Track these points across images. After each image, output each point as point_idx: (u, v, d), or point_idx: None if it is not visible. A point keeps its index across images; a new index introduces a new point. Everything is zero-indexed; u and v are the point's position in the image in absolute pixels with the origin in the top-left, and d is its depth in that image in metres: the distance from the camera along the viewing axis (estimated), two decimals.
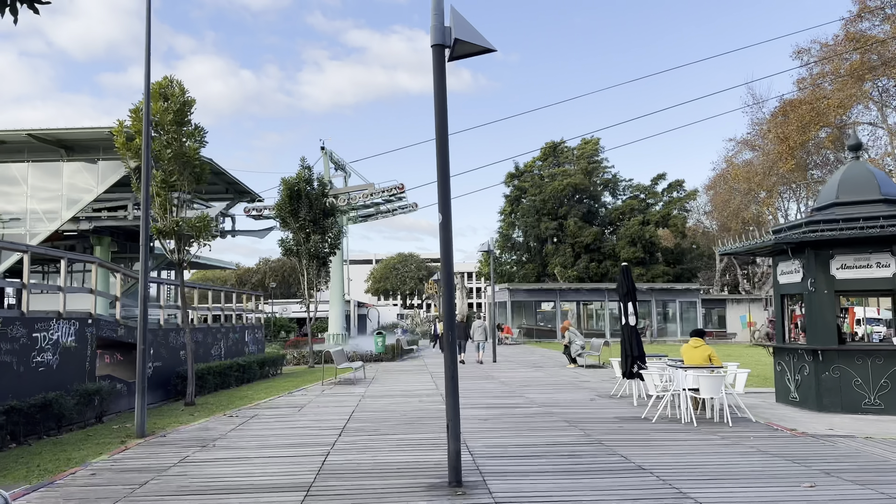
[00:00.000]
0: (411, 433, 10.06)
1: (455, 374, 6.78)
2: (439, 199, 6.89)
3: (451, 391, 6.73)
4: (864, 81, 44.75)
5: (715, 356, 11.69)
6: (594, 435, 9.57)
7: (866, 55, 43.75)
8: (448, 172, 6.96)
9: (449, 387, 6.74)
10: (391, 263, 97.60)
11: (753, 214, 57.07)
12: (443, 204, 6.87)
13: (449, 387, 6.74)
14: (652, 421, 10.76)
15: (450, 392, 6.74)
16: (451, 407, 6.71)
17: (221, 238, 39.15)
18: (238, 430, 10.77)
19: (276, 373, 22.99)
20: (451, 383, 6.74)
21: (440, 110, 6.92)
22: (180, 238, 14.58)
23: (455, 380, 6.76)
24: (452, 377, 6.74)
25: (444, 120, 6.92)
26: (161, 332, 16.73)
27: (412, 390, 16.27)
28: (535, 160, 75.51)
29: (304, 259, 24.94)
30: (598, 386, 16.42)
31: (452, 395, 6.72)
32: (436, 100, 6.96)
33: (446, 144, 6.96)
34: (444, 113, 6.93)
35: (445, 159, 6.92)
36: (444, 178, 6.90)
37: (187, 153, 14.44)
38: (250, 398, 15.65)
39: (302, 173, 24.85)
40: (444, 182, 6.89)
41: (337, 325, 39.60)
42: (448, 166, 6.96)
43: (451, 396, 6.73)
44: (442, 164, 6.89)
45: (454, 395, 6.72)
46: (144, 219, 10.73)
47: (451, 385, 6.74)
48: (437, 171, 6.92)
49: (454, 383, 6.75)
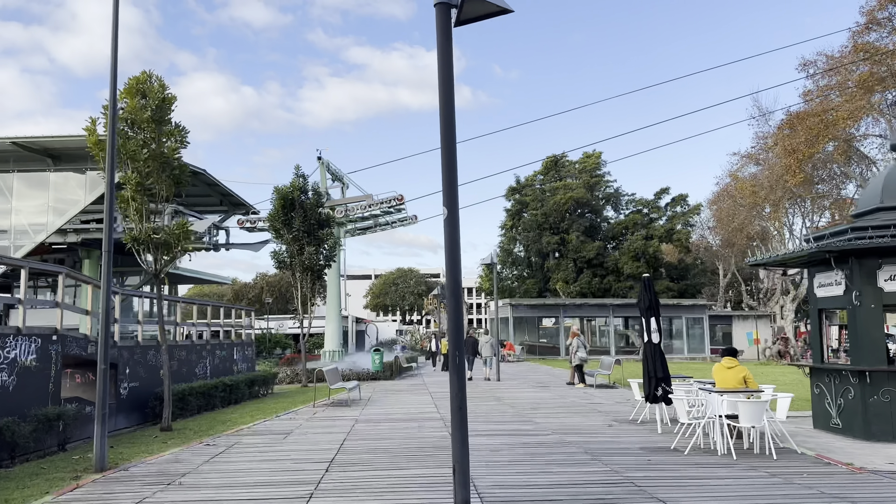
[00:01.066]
0: (410, 468, 8.75)
1: (463, 403, 5.50)
2: (444, 189, 5.65)
3: (458, 425, 5.45)
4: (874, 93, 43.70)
5: (751, 378, 10.40)
6: (621, 471, 8.26)
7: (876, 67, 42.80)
8: (454, 156, 5.73)
9: (456, 419, 5.46)
10: (390, 279, 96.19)
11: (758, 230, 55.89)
12: (448, 195, 5.63)
13: (456, 419, 5.46)
14: (684, 453, 9.44)
15: (457, 426, 5.45)
16: (458, 445, 5.42)
17: (215, 251, 37.86)
18: (212, 462, 9.45)
19: (267, 392, 21.64)
20: (458, 415, 5.46)
21: (445, 81, 5.70)
22: (157, 247, 13.33)
23: (463, 411, 5.48)
24: (460, 408, 5.46)
25: (450, 93, 5.71)
26: (139, 350, 15.42)
27: (411, 413, 14.95)
28: (536, 174, 74.45)
29: (298, 272, 23.66)
30: (613, 409, 15.09)
31: (460, 429, 5.43)
32: (440, 70, 5.74)
33: (452, 122, 5.74)
34: (450, 84, 5.71)
35: (451, 140, 5.70)
36: (449, 162, 5.66)
37: (166, 154, 13.22)
38: (234, 422, 14.31)
39: (296, 182, 23.63)
40: (449, 167, 5.66)
41: (333, 342, 38.18)
42: (454, 149, 5.73)
43: (458, 431, 5.44)
44: (447, 146, 5.67)
45: (462, 429, 5.43)
46: (108, 219, 9.47)
47: (458, 417, 5.46)
48: (442, 155, 5.69)
49: (462, 415, 5.46)
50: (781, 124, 49.16)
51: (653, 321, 11.64)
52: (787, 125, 47.97)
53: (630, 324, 51.45)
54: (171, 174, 13.42)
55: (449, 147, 5.72)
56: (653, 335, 11.60)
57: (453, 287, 5.61)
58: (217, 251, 37.46)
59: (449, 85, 5.73)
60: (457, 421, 5.44)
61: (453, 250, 5.59)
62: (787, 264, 12.97)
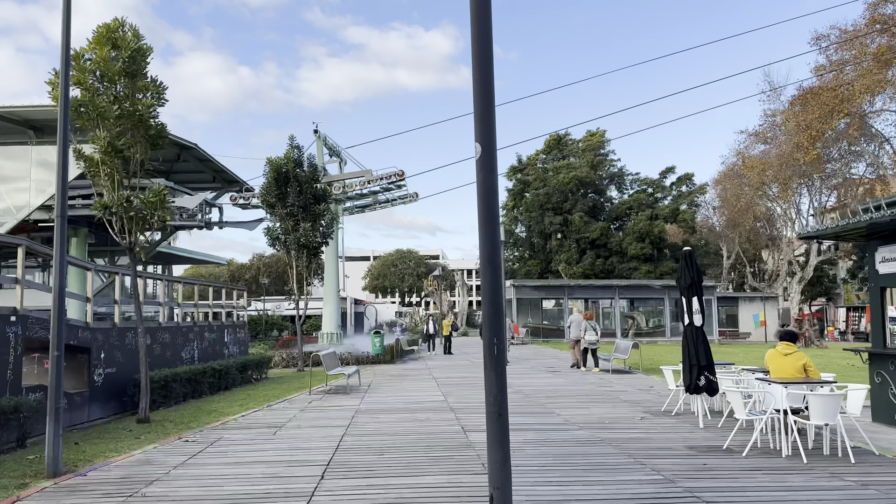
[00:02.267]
0: (421, 474, 7.34)
1: (503, 409, 4.06)
2: (477, 121, 4.18)
3: (497, 439, 4.02)
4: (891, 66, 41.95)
5: (812, 366, 8.98)
6: (676, 480, 6.86)
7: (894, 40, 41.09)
8: (491, 78, 4.24)
9: (495, 432, 4.03)
10: (389, 260, 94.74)
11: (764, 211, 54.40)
12: (483, 128, 4.16)
13: (495, 432, 4.03)
14: (741, 454, 8.04)
15: (496, 440, 4.02)
16: (497, 465, 4.00)
17: (208, 230, 36.27)
18: (187, 465, 8.05)
19: (261, 377, 20.26)
20: (497, 425, 4.03)
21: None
22: (131, 218, 11.84)
23: (504, 420, 4.05)
24: (500, 415, 4.02)
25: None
26: (115, 332, 13.98)
27: (416, 403, 13.56)
28: (538, 153, 72.77)
29: (293, 249, 22.15)
30: (638, 398, 13.72)
31: (500, 445, 4.01)
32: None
33: (488, 32, 4.26)
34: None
35: (486, 56, 4.22)
36: (484, 85, 4.19)
37: (140, 111, 11.68)
38: (220, 412, 12.92)
39: (290, 153, 22.05)
40: (484, 92, 4.18)
41: (332, 324, 36.78)
42: (491, 68, 4.24)
43: (497, 447, 4.01)
44: (481, 64, 4.19)
45: (502, 445, 4.01)
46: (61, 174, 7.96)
47: (497, 429, 4.02)
48: (474, 77, 4.21)
49: (502, 426, 4.03)
50: (793, 100, 47.51)
51: (695, 301, 10.19)
52: (799, 101, 46.32)
53: (636, 305, 50.17)
54: (146, 134, 11.89)
55: (483, 66, 4.24)
56: (694, 317, 10.15)
57: (490, 252, 4.14)
58: (210, 229, 35.91)
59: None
60: (496, 434, 4.01)
61: (489, 201, 4.12)
62: (843, 237, 11.51)
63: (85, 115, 11.51)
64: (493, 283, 4.12)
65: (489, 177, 4.10)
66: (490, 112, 4.20)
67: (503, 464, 3.96)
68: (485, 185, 4.10)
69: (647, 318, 49.83)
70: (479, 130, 4.16)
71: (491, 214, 4.09)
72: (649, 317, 49.97)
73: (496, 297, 4.12)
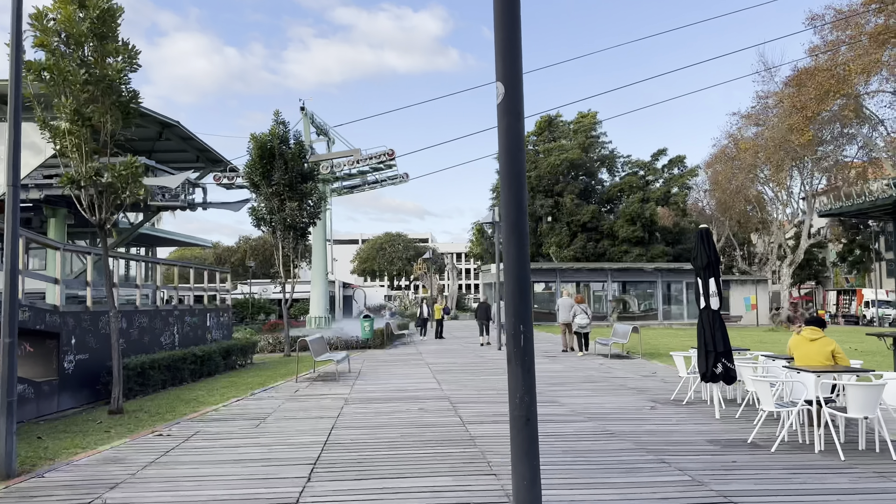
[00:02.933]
0: (419, 475, 6.57)
1: (531, 412, 3.27)
2: (499, 57, 3.35)
3: (523, 450, 3.22)
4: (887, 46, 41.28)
5: (841, 353, 8.29)
6: (704, 480, 6.14)
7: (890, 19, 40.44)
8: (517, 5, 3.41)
9: (521, 441, 3.23)
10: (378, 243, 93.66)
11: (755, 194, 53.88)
12: (507, 65, 3.34)
13: (521, 441, 3.23)
14: (770, 450, 7.33)
15: (521, 451, 3.23)
16: (524, 483, 3.21)
17: (191, 210, 35.21)
18: (159, 463, 7.24)
19: (245, 363, 19.44)
20: (524, 433, 3.23)
21: None
22: (101, 192, 10.92)
23: (532, 427, 3.26)
24: (528, 420, 3.23)
25: None
26: (88, 316, 13.08)
27: (409, 391, 12.80)
28: (529, 134, 71.78)
29: (279, 230, 21.23)
30: (643, 385, 13.04)
31: (527, 458, 3.21)
32: None
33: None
34: None
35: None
36: (508, 14, 3.36)
37: (110, 76, 10.72)
38: (200, 401, 12.10)
39: (275, 129, 21.05)
40: (508, 21, 3.35)
41: (319, 308, 35.97)
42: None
43: (524, 463, 3.21)
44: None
45: (530, 458, 3.21)
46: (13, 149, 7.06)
47: (524, 437, 3.23)
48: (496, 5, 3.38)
49: (530, 434, 3.24)
50: (788, 80, 46.86)
51: (711, 282, 9.46)
52: (794, 81, 45.68)
53: (628, 289, 49.69)
54: (117, 102, 10.94)
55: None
56: (711, 300, 9.42)
57: (515, 217, 3.33)
58: (193, 210, 34.86)
59: None
60: (522, 443, 3.22)
61: (514, 154, 3.31)
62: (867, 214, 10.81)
63: (50, 81, 10.56)
64: (518, 256, 3.32)
65: (514, 124, 3.29)
66: (515, 43, 3.38)
67: (532, 482, 3.18)
68: (508, 133, 3.29)
69: (639, 302, 49.38)
70: (501, 67, 3.34)
71: (516, 170, 3.29)
72: (641, 300, 49.52)
73: (522, 274, 3.31)
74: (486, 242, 71.22)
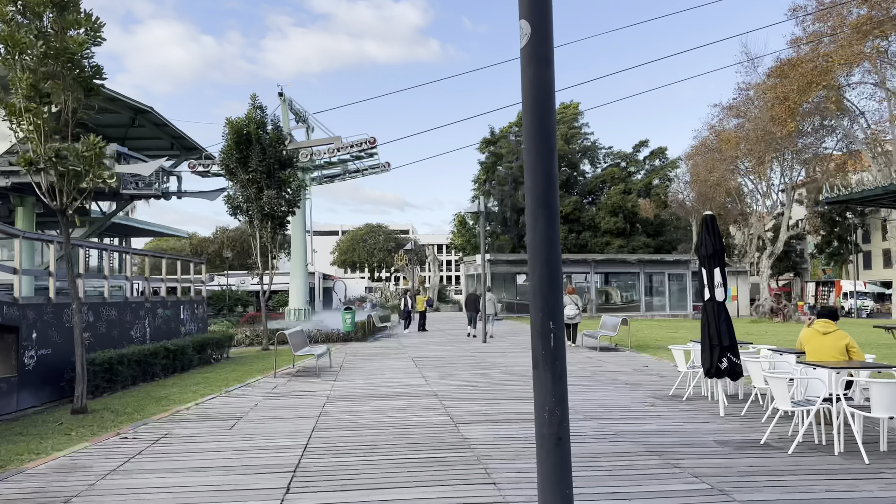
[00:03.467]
0: (410, 484, 5.95)
1: (563, 429, 2.66)
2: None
3: (554, 477, 2.61)
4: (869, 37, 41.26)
5: (855, 347, 7.81)
6: (725, 488, 5.58)
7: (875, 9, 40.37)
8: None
9: (552, 464, 2.61)
10: (358, 234, 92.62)
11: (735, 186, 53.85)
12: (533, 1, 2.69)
13: (552, 464, 2.61)
14: (787, 452, 6.82)
15: (552, 479, 2.61)
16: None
17: (165, 199, 34.09)
18: (121, 472, 6.54)
19: (222, 357, 18.66)
20: (554, 456, 2.61)
21: None
22: (62, 175, 10.12)
23: (564, 447, 2.64)
24: (559, 440, 2.61)
25: None
26: (50, 309, 12.26)
27: (395, 387, 12.17)
28: (511, 125, 71.25)
29: (256, 219, 20.43)
30: (636, 379, 12.53)
31: (558, 487, 2.59)
32: None
33: None
34: None
35: None
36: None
37: (71, 49, 9.90)
38: (171, 399, 11.37)
39: (252, 114, 20.21)
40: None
41: (299, 300, 35.14)
42: None
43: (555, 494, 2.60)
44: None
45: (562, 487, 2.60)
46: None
47: (554, 460, 2.61)
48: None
49: (562, 455, 2.62)
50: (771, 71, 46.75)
51: (716, 273, 8.92)
52: (777, 72, 45.57)
53: (610, 280, 49.41)
54: (78, 78, 10.12)
55: None
56: (716, 291, 8.89)
57: (543, 188, 2.70)
58: (168, 199, 33.73)
59: None
60: (552, 468, 2.60)
61: (543, 109, 2.67)
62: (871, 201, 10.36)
63: (5, 54, 9.74)
64: (547, 235, 2.69)
65: (542, 72, 2.65)
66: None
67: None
68: (535, 84, 2.65)
69: (621, 293, 49.14)
70: (526, 1, 2.69)
71: (545, 130, 2.65)
72: (623, 291, 49.27)
73: (552, 256, 2.68)
74: (468, 234, 70.67)
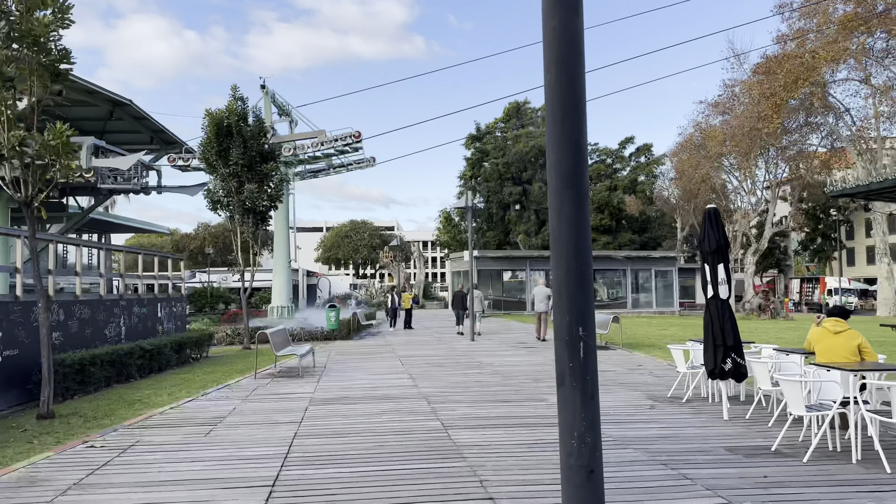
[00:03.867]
0: (397, 499, 5.46)
1: (595, 459, 2.17)
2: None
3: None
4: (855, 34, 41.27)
5: (868, 347, 7.43)
6: (740, 501, 5.15)
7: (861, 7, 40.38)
8: None
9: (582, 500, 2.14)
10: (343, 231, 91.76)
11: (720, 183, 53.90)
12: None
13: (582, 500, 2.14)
14: (802, 459, 6.41)
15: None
16: None
17: (145, 194, 33.37)
18: (83, 486, 5.99)
19: (201, 356, 18.06)
20: (585, 492, 2.13)
21: None
22: (28, 165, 9.51)
23: (597, 480, 2.16)
24: (591, 472, 2.13)
25: None
26: (17, 307, 11.62)
27: (381, 388, 11.67)
28: (497, 121, 70.89)
29: (237, 214, 19.80)
30: (631, 379, 12.13)
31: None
32: None
33: None
34: None
35: None
36: None
37: (36, 31, 9.28)
38: (145, 402, 10.79)
39: (233, 105, 19.57)
40: None
41: (282, 297, 34.53)
42: None
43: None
44: None
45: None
46: None
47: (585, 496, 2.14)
48: None
49: (594, 491, 2.14)
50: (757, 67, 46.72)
51: (720, 269, 8.51)
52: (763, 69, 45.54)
53: (597, 277, 49.15)
54: (45, 62, 9.51)
55: None
56: (720, 287, 8.48)
57: (571, 165, 2.21)
58: (147, 194, 33.01)
59: None
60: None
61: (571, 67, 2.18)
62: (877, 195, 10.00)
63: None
64: (575, 220, 2.20)
65: (570, 21, 2.16)
66: None
67: None
68: (561, 36, 2.17)
69: (608, 290, 48.92)
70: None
71: (574, 91, 2.17)
72: (610, 288, 49.05)
73: (580, 246, 2.19)
74: (454, 230, 70.17)
